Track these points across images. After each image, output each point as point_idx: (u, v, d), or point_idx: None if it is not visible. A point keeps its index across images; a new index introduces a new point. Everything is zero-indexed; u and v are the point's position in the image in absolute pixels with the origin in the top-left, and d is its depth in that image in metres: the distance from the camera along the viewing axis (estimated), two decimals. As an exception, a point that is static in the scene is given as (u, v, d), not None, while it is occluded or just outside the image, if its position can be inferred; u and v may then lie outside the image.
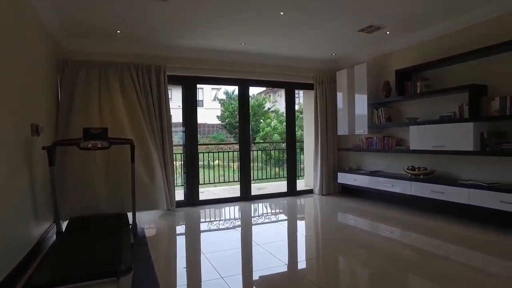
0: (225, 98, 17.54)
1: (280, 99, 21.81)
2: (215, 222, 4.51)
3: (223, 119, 16.49)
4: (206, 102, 19.70)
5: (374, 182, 5.25)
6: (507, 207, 3.47)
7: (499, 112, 3.70)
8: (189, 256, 3.28)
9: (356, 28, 4.46)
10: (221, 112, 17.08)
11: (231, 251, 3.31)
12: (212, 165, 8.01)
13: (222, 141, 15.34)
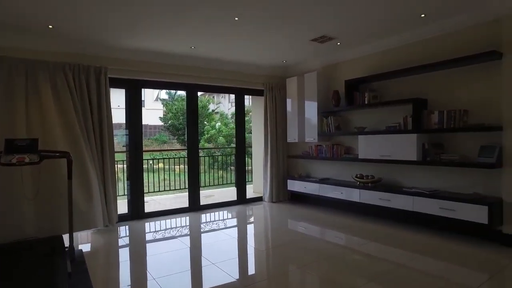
0: (167, 99, 16.85)
1: (224, 100, 21.64)
2: (162, 239, 4.17)
3: (166, 120, 15.81)
4: (147, 103, 18.76)
5: (323, 189, 5.34)
6: (445, 213, 3.73)
7: (438, 125, 3.96)
8: (135, 282, 2.96)
9: (309, 37, 4.47)
10: (163, 113, 16.37)
11: (180, 273, 3.05)
12: (155, 168, 7.52)
13: (165, 143, 14.70)
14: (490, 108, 3.67)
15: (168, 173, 7.43)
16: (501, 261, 3.14)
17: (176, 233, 4.40)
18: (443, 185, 4.09)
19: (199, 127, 14.30)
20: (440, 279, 2.81)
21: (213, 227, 4.67)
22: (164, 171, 7.50)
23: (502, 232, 3.52)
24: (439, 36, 4.10)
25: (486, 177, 3.70)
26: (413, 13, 3.70)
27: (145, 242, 4.12)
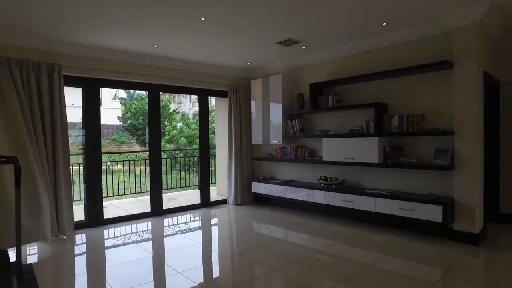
0: (126, 98, 16.16)
1: (186, 100, 21.21)
2: (124, 247, 3.95)
3: (124, 120, 15.15)
4: (105, 101, 17.85)
5: (288, 191, 5.38)
6: (405, 213, 3.90)
7: (398, 129, 4.14)
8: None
9: (275, 40, 4.47)
10: (122, 112, 15.67)
11: (143, 285, 2.89)
12: (114, 170, 7.13)
13: (124, 143, 14.08)
14: (443, 113, 3.89)
15: (128, 175, 7.09)
16: (455, 256, 3.33)
17: (137, 240, 4.20)
18: (402, 186, 4.29)
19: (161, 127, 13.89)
20: (403, 277, 2.93)
21: (177, 233, 4.51)
22: (124, 173, 7.14)
23: (454, 229, 3.75)
24: (399, 44, 4.28)
25: (440, 178, 3.93)
26: (375, 21, 3.83)
27: (104, 252, 3.88)
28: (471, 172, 3.61)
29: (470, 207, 3.62)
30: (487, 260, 3.31)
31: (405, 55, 4.22)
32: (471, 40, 3.58)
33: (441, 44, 3.89)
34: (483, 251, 3.49)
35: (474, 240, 3.60)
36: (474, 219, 3.61)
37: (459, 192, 3.70)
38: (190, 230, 4.72)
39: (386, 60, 4.41)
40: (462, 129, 3.65)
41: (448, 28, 3.75)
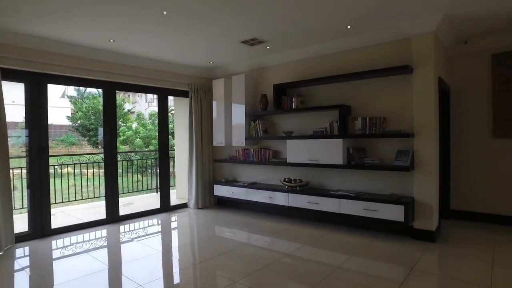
0: (76, 96, 15.08)
1: (141, 100, 20.35)
2: (75, 260, 3.58)
3: (74, 120, 14.12)
4: (52, 99, 16.51)
5: (252, 194, 5.28)
6: (369, 214, 3.98)
7: (361, 130, 4.23)
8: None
9: (239, 39, 4.36)
10: (71, 111, 14.60)
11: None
12: (63, 173, 6.52)
13: (74, 144, 13.10)
14: (404, 116, 4.04)
15: (80, 179, 6.52)
16: (416, 254, 3.45)
17: (91, 250, 3.84)
18: (366, 187, 4.38)
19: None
20: (373, 278, 2.95)
21: (135, 241, 4.21)
22: (75, 176, 6.57)
23: (413, 227, 3.89)
24: (363, 48, 4.38)
25: (401, 179, 4.07)
26: (340, 24, 3.87)
27: (51, 266, 3.48)
28: (429, 172, 3.78)
29: (428, 205, 3.78)
30: (445, 255, 3.47)
31: (369, 58, 4.32)
32: (428, 46, 3.75)
33: (402, 49, 4.03)
34: (440, 247, 3.65)
35: (431, 237, 3.77)
36: (431, 217, 3.77)
37: (419, 192, 3.85)
38: (150, 237, 4.43)
39: (350, 62, 4.49)
40: (421, 131, 3.81)
41: (407, 34, 3.89)
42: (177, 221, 5.29)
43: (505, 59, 4.41)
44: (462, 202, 4.75)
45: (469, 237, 3.99)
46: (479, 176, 4.61)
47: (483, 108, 4.57)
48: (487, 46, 4.49)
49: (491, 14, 3.64)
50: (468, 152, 4.69)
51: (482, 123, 4.58)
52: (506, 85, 4.41)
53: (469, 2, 3.30)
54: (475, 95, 4.63)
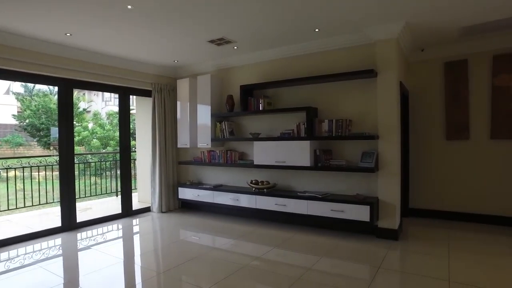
0: (23, 93, 13.97)
1: (97, 99, 19.36)
2: (24, 274, 3.26)
3: (22, 119, 13.06)
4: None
5: (218, 196, 5.18)
6: (336, 214, 4.05)
7: (328, 132, 4.30)
8: None
9: (207, 38, 4.26)
10: (18, 110, 13.50)
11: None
12: (8, 177, 5.91)
13: (21, 145, 12.12)
14: (369, 118, 4.17)
15: (30, 183, 5.99)
16: (382, 252, 3.56)
17: (44, 263, 3.53)
18: (332, 188, 4.46)
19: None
20: (343, 278, 3.01)
21: (95, 249, 3.94)
22: (24, 180, 6.02)
23: (378, 227, 4.02)
24: (330, 51, 4.45)
25: (367, 180, 4.19)
26: (307, 27, 3.90)
27: (-2, 281, 3.15)
28: (392, 173, 3.92)
29: (392, 205, 3.92)
30: (407, 252, 3.61)
31: (336, 61, 4.41)
32: (391, 52, 3.90)
33: (367, 54, 4.15)
34: (402, 244, 3.81)
35: (394, 235, 3.92)
36: (394, 216, 3.92)
37: (383, 192, 3.99)
38: (111, 245, 4.17)
39: (317, 65, 4.55)
40: (385, 133, 3.94)
41: (372, 39, 4.02)
42: (140, 226, 5.05)
43: (455, 67, 4.71)
44: (419, 201, 5.00)
45: (427, 234, 4.20)
46: (434, 176, 4.89)
47: (438, 112, 4.85)
48: (441, 55, 4.78)
49: (445, 27, 3.91)
50: (425, 153, 4.95)
51: (436, 126, 4.86)
52: (456, 91, 4.71)
53: (426, 14, 3.51)
54: (430, 100, 4.90)
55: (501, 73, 4.45)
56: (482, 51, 4.55)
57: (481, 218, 4.59)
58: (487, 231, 4.25)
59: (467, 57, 4.65)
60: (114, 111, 14.51)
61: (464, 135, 4.68)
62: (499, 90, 4.48)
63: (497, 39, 4.40)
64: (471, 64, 4.63)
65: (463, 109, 4.69)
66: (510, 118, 4.41)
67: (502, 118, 4.46)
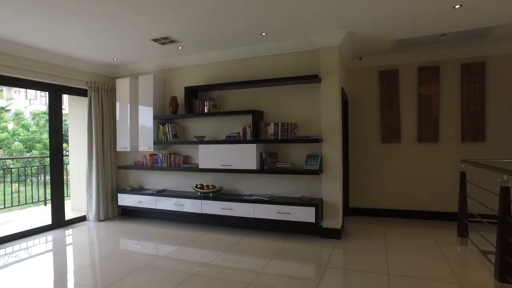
0: None
1: (19, 96, 17.46)
2: None
3: None
4: None
5: (161, 202, 4.96)
6: (283, 217, 4.12)
7: (274, 136, 4.36)
8: None
9: (150, 36, 4.05)
10: None
11: None
12: None
13: None
14: (313, 122, 4.31)
15: None
16: (327, 252, 3.70)
17: (-46, 286, 3.04)
18: (278, 190, 4.52)
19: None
20: (293, 279, 3.04)
21: (16, 268, 3.49)
22: None
23: (323, 227, 4.18)
24: (276, 55, 4.52)
25: (311, 182, 4.32)
26: (254, 30, 3.92)
27: None
28: (335, 175, 4.10)
29: (335, 205, 4.10)
30: (350, 250, 3.79)
31: (282, 66, 4.49)
32: (334, 59, 4.08)
33: (312, 60, 4.30)
34: (345, 243, 4.00)
35: (338, 234, 4.10)
36: (338, 216, 4.11)
37: (326, 193, 4.15)
38: (37, 261, 3.73)
39: (264, 68, 4.59)
40: (328, 136, 4.11)
41: (317, 46, 4.17)
42: (74, 237, 4.62)
43: (388, 76, 5.11)
44: (359, 200, 5.32)
45: (367, 231, 4.47)
46: (371, 177, 5.24)
47: (374, 117, 5.21)
48: (376, 64, 5.15)
49: (380, 38, 4.25)
50: (363, 155, 5.28)
51: (373, 130, 5.22)
52: (389, 98, 5.12)
53: (365, 26, 3.78)
54: (367, 105, 5.24)
55: (424, 83, 4.94)
56: (410, 63, 5.00)
57: (413, 214, 5.02)
58: (419, 225, 4.67)
59: (398, 67, 5.07)
60: (41, 110, 13.18)
61: (396, 139, 5.09)
62: (423, 98, 4.95)
63: (422, 53, 4.88)
64: (401, 74, 5.06)
65: (395, 115, 5.09)
66: (432, 124, 4.91)
67: (426, 123, 4.94)
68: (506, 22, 3.77)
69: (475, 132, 4.73)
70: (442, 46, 4.67)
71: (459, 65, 4.80)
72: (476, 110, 4.73)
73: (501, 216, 2.73)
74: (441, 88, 4.89)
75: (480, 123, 4.71)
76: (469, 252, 3.62)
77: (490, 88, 4.70)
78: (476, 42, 4.54)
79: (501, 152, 4.63)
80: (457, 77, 4.82)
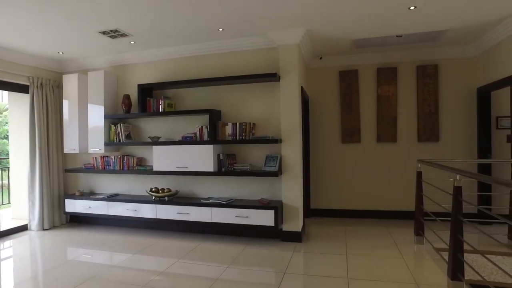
0: None
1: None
2: None
3: None
4: None
5: (113, 207, 4.63)
6: (241, 221, 3.95)
7: (231, 136, 4.19)
8: None
9: (98, 28, 3.74)
10: None
11: None
12: None
13: None
14: (272, 122, 4.19)
15: None
16: (287, 256, 3.59)
17: None
18: (237, 193, 4.35)
19: None
20: (252, 285, 2.90)
21: None
22: None
23: (283, 230, 4.06)
24: (235, 52, 4.36)
25: (271, 183, 4.19)
26: (212, 25, 3.73)
27: None
28: (295, 176, 4.00)
29: (295, 208, 4.00)
30: (310, 254, 3.70)
31: (240, 64, 4.33)
32: (294, 57, 3.99)
33: (272, 58, 4.18)
34: (305, 246, 3.90)
35: (298, 237, 3.99)
36: (298, 219, 4.00)
37: (286, 195, 4.04)
38: (-36, 277, 3.31)
39: (222, 66, 4.41)
40: (287, 137, 4.00)
41: (276, 43, 4.05)
42: (14, 249, 4.17)
43: (348, 76, 5.12)
44: (320, 201, 5.27)
45: (328, 233, 4.41)
46: (332, 177, 5.21)
47: (334, 117, 5.20)
48: (336, 64, 5.14)
49: (340, 37, 4.21)
50: (324, 156, 5.25)
51: (333, 130, 5.20)
52: (349, 98, 5.12)
53: (324, 23, 3.71)
54: (328, 105, 5.22)
55: (383, 84, 4.99)
56: (369, 63, 5.04)
57: (373, 213, 5.05)
58: (379, 225, 4.70)
59: (358, 67, 5.08)
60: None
61: (356, 139, 5.10)
62: (382, 99, 5.00)
63: (380, 54, 4.93)
64: (361, 74, 5.08)
65: (355, 115, 5.10)
66: (391, 124, 4.97)
67: (384, 123, 4.99)
68: (457, 26, 3.86)
69: (430, 132, 4.84)
70: (399, 48, 4.74)
71: (415, 67, 4.90)
72: (431, 110, 4.84)
73: (454, 215, 2.74)
74: (398, 89, 4.97)
75: (434, 123, 4.83)
76: (425, 251, 3.66)
77: (443, 90, 4.83)
78: (429, 46, 4.64)
79: (453, 151, 4.77)
80: (413, 78, 4.92)
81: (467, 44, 4.60)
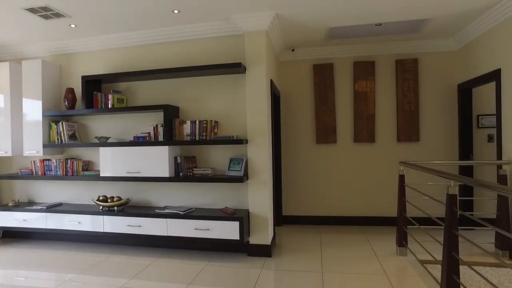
0: None
1: None
2: None
3: None
4: None
5: (53, 220, 3.93)
6: (201, 234, 3.40)
7: (190, 136, 3.63)
8: None
9: (22, 4, 3.06)
10: None
11: None
12: None
13: None
14: (237, 120, 3.66)
15: None
16: (254, 274, 3.08)
17: None
18: (198, 201, 3.79)
19: None
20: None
21: None
22: None
23: (250, 243, 3.54)
24: (194, 40, 3.80)
25: (236, 190, 3.66)
26: (165, 6, 3.16)
27: None
28: (263, 182, 3.49)
29: (263, 218, 3.49)
30: (281, 272, 3.19)
31: (201, 53, 3.78)
32: (261, 45, 3.48)
33: (237, 46, 3.66)
34: (276, 261, 3.39)
35: (268, 251, 3.49)
36: (267, 230, 3.49)
37: (253, 203, 3.51)
38: None
39: (180, 56, 3.84)
40: (254, 137, 3.49)
41: (241, 30, 3.53)
42: None
43: (323, 70, 4.67)
44: (293, 207, 4.79)
45: (301, 244, 3.92)
46: (306, 181, 4.75)
47: (308, 115, 4.74)
48: (310, 56, 4.68)
49: (314, 25, 3.75)
50: (296, 158, 4.77)
51: (307, 129, 4.74)
52: (324, 94, 4.68)
53: (295, 6, 3.22)
54: (301, 102, 4.75)
55: (360, 78, 4.59)
56: (345, 56, 4.62)
57: (351, 220, 4.63)
58: (357, 232, 4.29)
59: (333, 61, 4.66)
60: None
61: (332, 139, 4.66)
62: (359, 95, 4.60)
63: (357, 46, 4.52)
64: (336, 68, 4.66)
65: (330, 113, 4.67)
66: (369, 123, 4.57)
67: (362, 122, 4.59)
68: (440, 14, 3.50)
69: (410, 132, 4.49)
70: (378, 40, 4.35)
71: (394, 61, 4.53)
72: (411, 108, 4.49)
73: (447, 229, 2.32)
74: (377, 85, 4.58)
75: (415, 122, 4.48)
76: (409, 264, 3.25)
77: (422, 86, 4.50)
78: (409, 37, 4.29)
79: (434, 152, 4.44)
80: (392, 73, 4.55)
81: (447, 37, 4.29)
